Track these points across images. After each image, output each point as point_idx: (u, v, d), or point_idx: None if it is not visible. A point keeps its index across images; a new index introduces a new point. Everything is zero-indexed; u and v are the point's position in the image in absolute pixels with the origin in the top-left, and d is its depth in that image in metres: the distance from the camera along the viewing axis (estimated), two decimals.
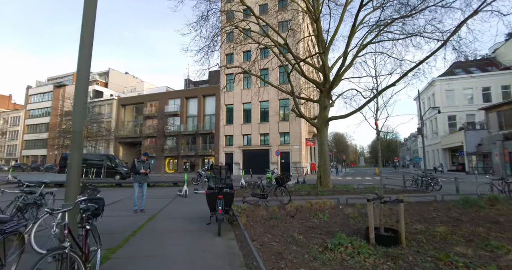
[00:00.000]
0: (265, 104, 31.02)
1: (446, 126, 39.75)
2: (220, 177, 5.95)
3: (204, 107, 35.22)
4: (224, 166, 6.06)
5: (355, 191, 12.49)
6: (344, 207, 8.23)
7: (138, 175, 7.46)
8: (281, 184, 8.53)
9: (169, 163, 36.38)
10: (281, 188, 8.94)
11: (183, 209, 8.12)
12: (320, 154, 13.81)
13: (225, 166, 6.08)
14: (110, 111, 41.45)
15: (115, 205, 8.94)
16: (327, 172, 13.62)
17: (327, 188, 13.04)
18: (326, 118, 13.96)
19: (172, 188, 14.50)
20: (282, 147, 29.02)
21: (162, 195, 11.72)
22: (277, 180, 8.56)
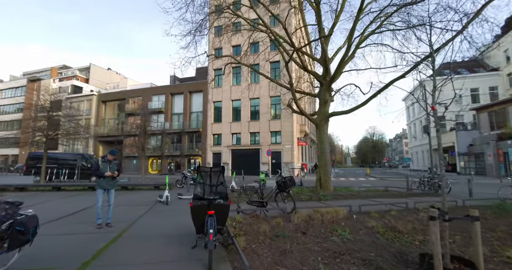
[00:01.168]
0: (255, 101, 29.53)
1: None
2: (210, 183, 4.39)
3: (191, 104, 33.33)
4: (215, 167, 4.47)
5: (360, 194, 11.20)
6: (358, 216, 6.86)
7: (102, 179, 5.76)
8: (285, 188, 7.05)
9: (152, 163, 34.25)
10: (283, 194, 7.45)
11: (162, 221, 6.47)
12: (320, 154, 12.45)
13: (217, 168, 4.49)
14: (89, 107, 38.81)
15: (75, 215, 7.16)
16: (328, 174, 12.27)
17: (328, 191, 11.70)
18: (327, 114, 12.62)
19: (153, 192, 12.75)
20: (273, 146, 27.62)
21: (140, 201, 9.99)
22: (280, 184, 7.07)
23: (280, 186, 7.04)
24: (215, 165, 30.14)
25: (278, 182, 7.09)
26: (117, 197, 11.16)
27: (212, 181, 4.38)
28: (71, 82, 45.04)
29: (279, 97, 28.23)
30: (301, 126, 31.08)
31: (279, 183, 7.07)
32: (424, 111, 32.89)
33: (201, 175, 4.42)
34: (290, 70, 17.16)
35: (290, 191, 7.23)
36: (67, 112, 31.18)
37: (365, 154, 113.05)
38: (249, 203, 6.94)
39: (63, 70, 65.63)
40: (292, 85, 11.72)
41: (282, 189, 7.08)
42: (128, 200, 10.04)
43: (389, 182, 19.85)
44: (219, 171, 4.47)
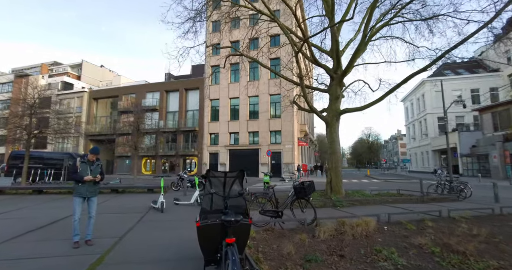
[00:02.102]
0: (254, 99, 28.38)
1: (436, 128, 39.05)
2: (225, 194, 3.23)
3: (187, 102, 32.02)
4: (231, 172, 3.31)
5: (375, 199, 10.14)
6: (389, 227, 5.79)
7: (81, 184, 4.54)
8: (304, 195, 5.91)
9: (146, 163, 32.81)
10: (302, 201, 6.31)
11: (157, 236, 5.26)
12: (331, 154, 11.37)
13: (234, 172, 3.31)
14: (80, 105, 37.17)
15: (50, 228, 5.89)
16: (340, 176, 11.20)
17: (340, 195, 10.63)
18: (338, 110, 11.56)
19: (146, 196, 11.51)
20: (273, 146, 26.51)
21: (131, 206, 8.75)
22: (297, 190, 5.93)
23: (299, 192, 5.90)
24: (212, 166, 28.88)
25: (297, 188, 5.95)
26: (106, 202, 9.98)
27: (228, 190, 3.22)
28: (61, 78, 43.26)
29: (279, 95, 27.14)
30: (301, 126, 30.05)
31: (298, 188, 5.93)
32: (422, 112, 32.08)
33: (212, 182, 3.25)
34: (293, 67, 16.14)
35: (310, 198, 6.09)
36: (54, 108, 29.70)
37: (360, 155, 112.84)
38: (261, 213, 5.79)
39: (54, 67, 63.55)
40: (302, 78, 10.62)
41: (302, 196, 5.94)
42: (117, 206, 8.80)
43: (396, 184, 18.89)
44: (237, 177, 3.31)
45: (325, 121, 11.52)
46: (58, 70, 61.41)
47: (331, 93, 11.69)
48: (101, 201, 9.71)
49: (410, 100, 47.48)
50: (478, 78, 37.69)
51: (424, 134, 41.61)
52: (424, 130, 41.90)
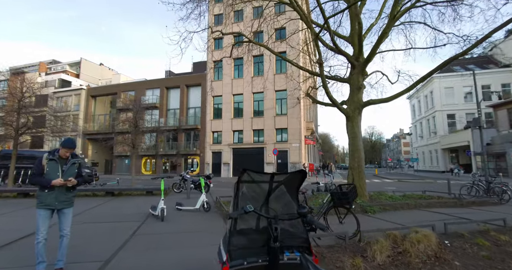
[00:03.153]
0: (259, 96, 27.06)
1: (445, 125, 37.71)
2: (276, 212, 1.91)
3: (188, 99, 30.72)
4: (281, 174, 1.95)
5: (408, 202, 8.82)
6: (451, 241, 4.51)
7: (48, 191, 3.25)
8: (347, 203, 4.58)
9: (146, 163, 31.55)
10: (339, 210, 4.97)
11: (154, 260, 3.96)
12: (353, 151, 10.07)
13: (285, 175, 1.97)
14: (77, 103, 35.91)
15: (17, 245, 4.60)
16: (364, 177, 9.90)
17: (364, 198, 9.33)
18: (361, 102, 10.26)
19: (145, 199, 10.24)
20: (279, 145, 25.21)
21: (126, 213, 7.47)
22: (337, 196, 4.61)
23: (340, 199, 4.58)
24: (214, 165, 27.59)
25: (336, 193, 4.63)
26: (98, 207, 8.53)
27: (277, 206, 1.92)
28: (58, 75, 41.97)
29: (285, 91, 25.89)
30: (308, 123, 28.72)
31: (337, 194, 4.61)
32: (431, 110, 30.80)
33: (246, 192, 1.94)
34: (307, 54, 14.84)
35: (353, 206, 4.76)
36: (49, 105, 28.51)
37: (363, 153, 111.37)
38: None
39: (53, 65, 62.31)
40: (322, 64, 9.30)
41: (342, 203, 4.63)
42: (111, 212, 7.51)
43: (413, 185, 17.61)
44: (290, 183, 1.99)
45: (346, 114, 10.20)
46: (57, 68, 60.14)
47: (352, 83, 10.40)
48: (92, 205, 8.45)
49: (417, 97, 46.12)
50: (489, 73, 36.38)
51: (433, 132, 40.27)
52: (432, 128, 40.56)
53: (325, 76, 11.44)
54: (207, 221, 6.42)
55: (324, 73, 10.56)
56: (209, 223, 6.22)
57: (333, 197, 4.67)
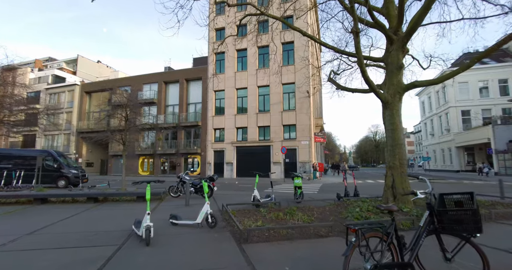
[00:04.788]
0: (264, 90, 25.05)
1: (460, 122, 35.68)
2: None
3: (188, 94, 28.71)
4: None
5: None
6: None
7: None
8: (468, 229, 2.49)
9: (143, 163, 29.55)
10: (444, 237, 2.92)
11: None
12: (393, 146, 8.06)
13: None
14: (71, 99, 33.94)
15: None
16: (406, 179, 7.90)
17: (409, 204, 7.35)
18: (402, 85, 8.26)
19: (135, 206, 8.24)
20: (286, 142, 23.20)
21: (101, 228, 5.45)
22: (444, 215, 2.58)
23: (454, 221, 2.53)
24: (216, 165, 25.56)
25: (444, 212, 2.59)
26: (69, 219, 6.28)
27: None
28: (51, 71, 40.00)
29: (293, 84, 23.90)
30: (317, 119, 26.72)
31: (450, 213, 2.56)
32: (443, 106, 28.75)
33: None
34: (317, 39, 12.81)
35: (477, 234, 2.66)
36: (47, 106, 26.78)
37: (366, 153, 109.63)
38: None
39: (49, 63, 60.46)
40: (359, 33, 7.26)
41: (455, 229, 2.57)
42: (80, 229, 5.49)
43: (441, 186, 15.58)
44: None
45: (384, 100, 8.18)
46: (53, 66, 58.29)
47: (390, 62, 8.38)
48: (64, 216, 6.47)
49: (427, 93, 44.11)
50: (507, 67, 34.32)
51: (446, 129, 38.24)
52: (445, 126, 38.51)
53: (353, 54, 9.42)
54: (213, 244, 4.43)
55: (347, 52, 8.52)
56: (217, 248, 4.23)
57: (441, 216, 2.64)
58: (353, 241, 2.33)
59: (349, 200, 8.28)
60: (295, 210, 6.75)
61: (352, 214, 6.43)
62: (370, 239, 2.41)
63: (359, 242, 2.33)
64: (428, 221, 2.71)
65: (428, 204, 2.75)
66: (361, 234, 2.34)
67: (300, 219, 5.96)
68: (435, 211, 2.69)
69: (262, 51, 25.36)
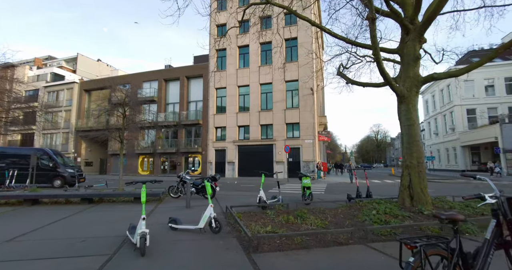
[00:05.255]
0: (267, 87, 24.46)
1: (465, 121, 35.04)
2: None
3: (188, 92, 28.13)
4: None
5: None
6: None
7: None
8: None
9: (143, 162, 28.99)
10: None
11: None
12: (409, 144, 7.47)
13: None
14: (70, 98, 33.40)
15: None
16: (425, 178, 7.33)
17: (427, 206, 6.78)
18: (419, 78, 7.68)
19: (132, 208, 7.67)
20: (290, 141, 22.60)
21: (92, 234, 4.86)
22: None
23: None
24: (218, 164, 24.99)
25: None
26: (59, 222, 5.73)
27: None
28: (50, 69, 39.44)
29: (296, 81, 23.30)
30: (321, 118, 26.12)
31: None
32: (448, 105, 28.04)
33: None
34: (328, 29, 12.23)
35: None
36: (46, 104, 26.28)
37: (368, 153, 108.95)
38: None
39: (48, 61, 59.99)
40: (375, 19, 6.66)
41: None
42: (69, 233, 4.91)
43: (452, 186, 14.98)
44: None
45: (400, 94, 7.58)
46: (52, 64, 57.82)
47: (406, 53, 7.79)
48: (53, 219, 5.91)
49: (431, 92, 43.51)
50: None
51: (451, 128, 37.59)
52: (450, 125, 37.87)
53: (366, 45, 8.82)
54: (219, 254, 3.85)
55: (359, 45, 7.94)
56: (223, 258, 3.65)
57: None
58: (411, 262, 1.75)
59: (362, 201, 7.70)
60: (306, 212, 6.17)
61: (369, 218, 5.86)
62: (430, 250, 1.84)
63: (422, 262, 1.74)
64: (495, 232, 2.12)
65: (494, 211, 2.17)
66: (423, 253, 1.75)
67: (313, 224, 5.38)
68: (507, 219, 2.10)
69: (265, 47, 24.78)
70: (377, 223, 5.54)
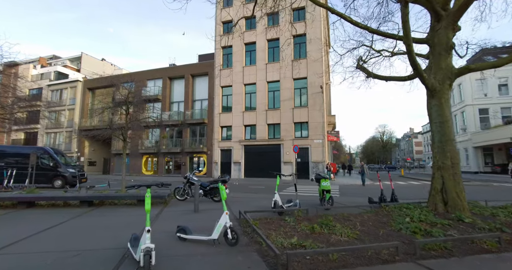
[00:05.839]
0: (274, 85, 23.74)
1: (477, 121, 33.99)
2: None
3: (193, 91, 27.49)
4: None
5: None
6: None
7: None
8: None
9: (147, 162, 28.42)
10: None
11: None
12: (442, 142, 6.71)
13: None
14: (73, 96, 32.97)
15: None
16: (460, 181, 6.56)
17: (465, 213, 6.00)
18: (453, 69, 6.91)
19: (135, 212, 7.00)
20: (298, 141, 21.85)
21: (89, 246, 4.16)
22: None
23: None
24: (224, 165, 24.32)
25: None
26: (52, 229, 5.04)
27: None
28: (54, 68, 39.09)
29: (305, 79, 22.56)
30: (329, 117, 25.31)
31: None
32: (459, 104, 27.05)
33: None
34: None
35: None
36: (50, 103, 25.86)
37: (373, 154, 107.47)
38: None
39: (53, 61, 60.00)
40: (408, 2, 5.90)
41: None
42: (61, 244, 4.23)
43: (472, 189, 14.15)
44: None
45: (431, 88, 6.82)
46: (57, 63, 57.75)
47: (437, 43, 7.03)
48: (46, 226, 5.24)
49: None
50: None
51: (462, 129, 36.52)
52: (461, 125, 36.81)
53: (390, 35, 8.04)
54: None
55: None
56: None
57: None
58: None
59: (388, 206, 6.95)
60: (331, 220, 5.43)
61: (405, 226, 5.11)
62: None
63: None
64: None
65: None
66: None
67: (344, 234, 4.65)
68: None
69: (272, 44, 24.08)
70: (417, 233, 4.79)
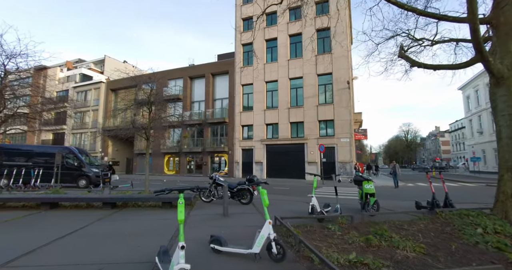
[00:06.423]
0: (297, 82, 22.86)
1: None
2: None
3: (214, 90, 27.15)
4: None
5: None
6: None
7: None
8: None
9: (168, 161, 28.42)
10: None
11: None
12: (511, 138, 5.68)
13: None
14: (97, 97, 33.71)
15: None
16: None
17: None
18: None
19: (160, 215, 6.48)
20: (323, 140, 20.85)
21: (109, 255, 3.61)
22: None
23: None
24: (245, 164, 23.75)
25: None
26: (69, 237, 4.39)
27: None
28: (78, 70, 40.29)
29: (330, 75, 21.53)
30: (355, 115, 24.08)
31: None
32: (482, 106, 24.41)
33: None
34: None
35: None
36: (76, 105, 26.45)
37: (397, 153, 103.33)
38: None
39: (78, 64, 62.41)
40: None
41: None
42: (80, 254, 3.71)
43: None
44: None
45: (497, 74, 5.80)
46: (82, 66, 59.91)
47: (504, 22, 5.98)
48: (64, 232, 4.76)
49: (474, 87, 39.68)
50: None
51: None
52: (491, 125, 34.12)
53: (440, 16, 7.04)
54: None
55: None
56: None
57: None
58: None
59: (443, 212, 6.00)
60: (386, 230, 4.61)
61: (481, 240, 4.20)
62: None
63: None
64: None
65: None
66: None
67: (409, 248, 3.82)
68: None
69: (294, 40, 23.23)
70: (499, 248, 3.89)
